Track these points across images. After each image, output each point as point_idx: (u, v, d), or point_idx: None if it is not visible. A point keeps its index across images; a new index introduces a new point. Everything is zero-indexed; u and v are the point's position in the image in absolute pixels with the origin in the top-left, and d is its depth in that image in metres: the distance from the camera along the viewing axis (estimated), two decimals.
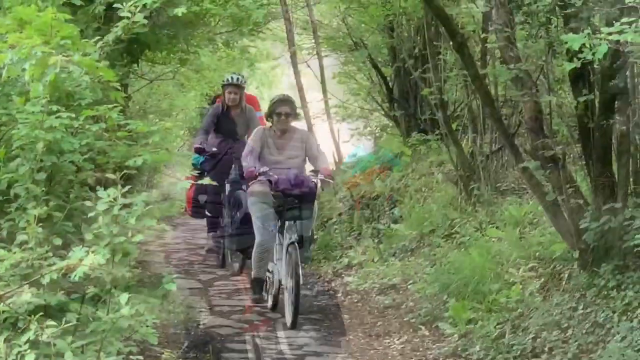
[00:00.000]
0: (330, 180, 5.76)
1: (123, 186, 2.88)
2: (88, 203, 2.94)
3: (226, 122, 6.71)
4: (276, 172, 5.36)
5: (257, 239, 5.40)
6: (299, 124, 6.49)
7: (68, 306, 2.96)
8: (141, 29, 3.68)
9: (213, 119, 6.71)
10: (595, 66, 4.03)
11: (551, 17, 4.24)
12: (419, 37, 8.45)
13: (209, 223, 6.94)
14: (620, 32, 2.92)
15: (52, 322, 2.65)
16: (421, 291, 5.30)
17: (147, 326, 3.06)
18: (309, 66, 10.10)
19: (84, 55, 3.28)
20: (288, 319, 5.11)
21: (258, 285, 5.57)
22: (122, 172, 2.97)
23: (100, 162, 3.31)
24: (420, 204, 6.87)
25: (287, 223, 5.29)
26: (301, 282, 5.14)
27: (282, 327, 5.02)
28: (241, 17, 7.41)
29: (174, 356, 3.62)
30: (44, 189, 3.05)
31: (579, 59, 3.19)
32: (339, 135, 10.19)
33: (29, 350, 2.60)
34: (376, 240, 6.74)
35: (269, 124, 5.75)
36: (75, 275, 2.66)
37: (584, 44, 3.05)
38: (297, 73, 9.17)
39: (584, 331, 3.80)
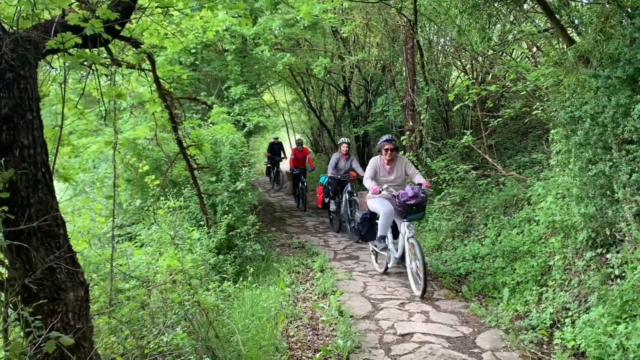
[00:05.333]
0: (430, 190, 7.62)
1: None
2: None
3: (341, 163, 11.74)
4: (390, 188, 6.69)
5: (383, 212, 6.77)
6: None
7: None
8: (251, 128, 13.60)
9: (334, 161, 11.78)
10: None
11: None
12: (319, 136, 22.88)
13: (329, 212, 12.78)
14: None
15: None
16: None
17: (256, 199, 12.66)
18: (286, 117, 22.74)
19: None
20: (417, 291, 6.30)
21: (382, 240, 6.91)
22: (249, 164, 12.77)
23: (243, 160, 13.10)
24: None
25: (406, 222, 6.41)
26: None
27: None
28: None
29: (261, 208, 13.46)
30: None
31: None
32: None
33: None
34: None
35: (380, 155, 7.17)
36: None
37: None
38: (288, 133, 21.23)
39: None
